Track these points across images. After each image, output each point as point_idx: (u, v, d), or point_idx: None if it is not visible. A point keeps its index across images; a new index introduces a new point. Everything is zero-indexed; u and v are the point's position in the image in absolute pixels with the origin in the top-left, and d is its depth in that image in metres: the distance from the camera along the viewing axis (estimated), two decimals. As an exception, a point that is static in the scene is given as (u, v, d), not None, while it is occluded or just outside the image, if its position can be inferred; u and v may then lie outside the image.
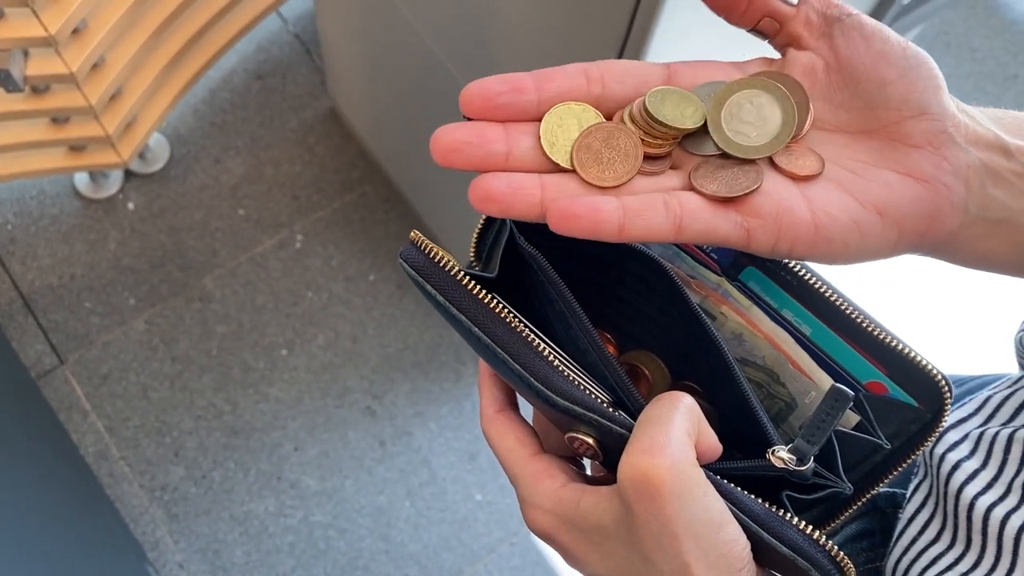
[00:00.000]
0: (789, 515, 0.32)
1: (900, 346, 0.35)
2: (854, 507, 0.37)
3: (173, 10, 1.30)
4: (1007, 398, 0.42)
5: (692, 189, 0.31)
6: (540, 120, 0.32)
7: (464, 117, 0.32)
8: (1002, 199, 0.32)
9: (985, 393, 0.44)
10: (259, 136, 1.65)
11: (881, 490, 0.46)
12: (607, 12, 0.79)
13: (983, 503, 0.37)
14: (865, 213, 0.31)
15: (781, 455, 0.32)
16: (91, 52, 1.20)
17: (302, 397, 1.50)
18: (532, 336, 0.34)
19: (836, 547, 0.32)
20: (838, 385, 0.31)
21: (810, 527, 0.32)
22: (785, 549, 0.32)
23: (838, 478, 0.34)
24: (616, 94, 0.32)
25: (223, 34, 1.46)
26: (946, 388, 0.35)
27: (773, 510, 0.32)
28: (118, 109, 1.35)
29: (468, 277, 0.34)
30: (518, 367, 0.33)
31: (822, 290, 0.36)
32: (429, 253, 0.35)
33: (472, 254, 0.40)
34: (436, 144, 0.31)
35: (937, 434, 0.35)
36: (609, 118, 0.32)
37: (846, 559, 0.32)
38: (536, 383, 0.33)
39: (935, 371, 0.35)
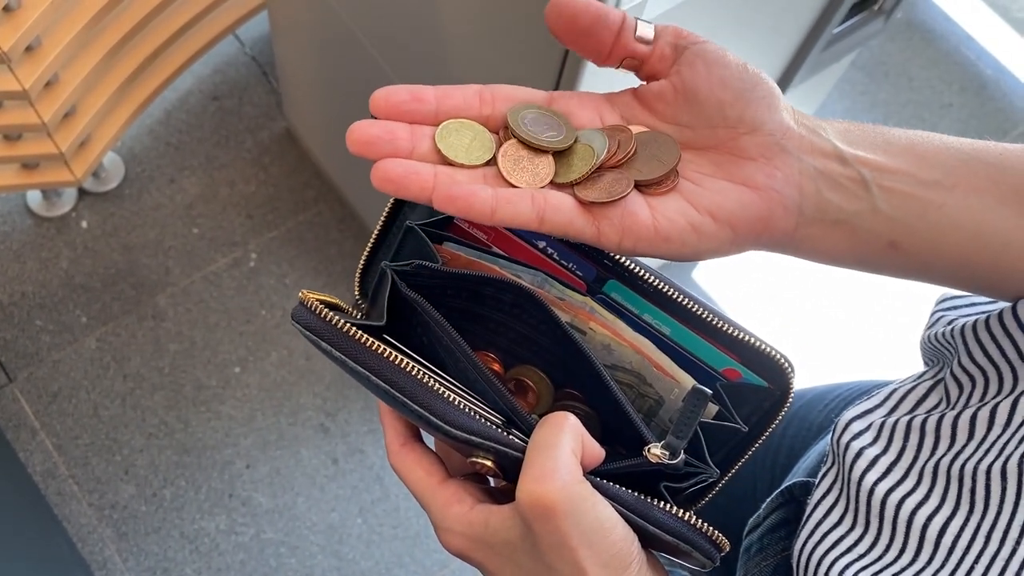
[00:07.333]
0: (660, 501, 0.36)
1: (747, 337, 0.40)
2: (720, 484, 0.41)
3: (129, 30, 1.32)
4: (910, 390, 0.46)
5: (573, 195, 0.36)
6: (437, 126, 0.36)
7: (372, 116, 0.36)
8: (837, 202, 0.36)
9: (890, 387, 0.47)
10: (214, 156, 1.66)
11: (797, 480, 0.51)
12: (545, 41, 0.83)
13: (882, 488, 0.41)
14: (699, 216, 0.36)
15: (655, 452, 0.36)
16: (45, 69, 1.21)
17: (255, 415, 1.50)
18: (425, 375, 0.37)
19: (703, 521, 0.37)
20: (698, 385, 0.36)
21: (675, 508, 0.36)
22: (659, 531, 0.36)
23: (706, 465, 0.38)
24: (503, 115, 0.37)
25: (180, 55, 1.48)
26: (789, 368, 0.40)
27: (644, 498, 0.36)
28: (72, 127, 1.36)
29: (357, 330, 0.37)
30: (416, 407, 0.36)
31: (674, 295, 0.41)
32: (319, 313, 0.37)
33: (356, 292, 0.44)
34: (352, 136, 0.34)
35: (787, 410, 0.40)
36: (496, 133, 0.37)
37: (716, 532, 0.37)
38: (435, 420, 0.36)
39: (778, 355, 0.40)
